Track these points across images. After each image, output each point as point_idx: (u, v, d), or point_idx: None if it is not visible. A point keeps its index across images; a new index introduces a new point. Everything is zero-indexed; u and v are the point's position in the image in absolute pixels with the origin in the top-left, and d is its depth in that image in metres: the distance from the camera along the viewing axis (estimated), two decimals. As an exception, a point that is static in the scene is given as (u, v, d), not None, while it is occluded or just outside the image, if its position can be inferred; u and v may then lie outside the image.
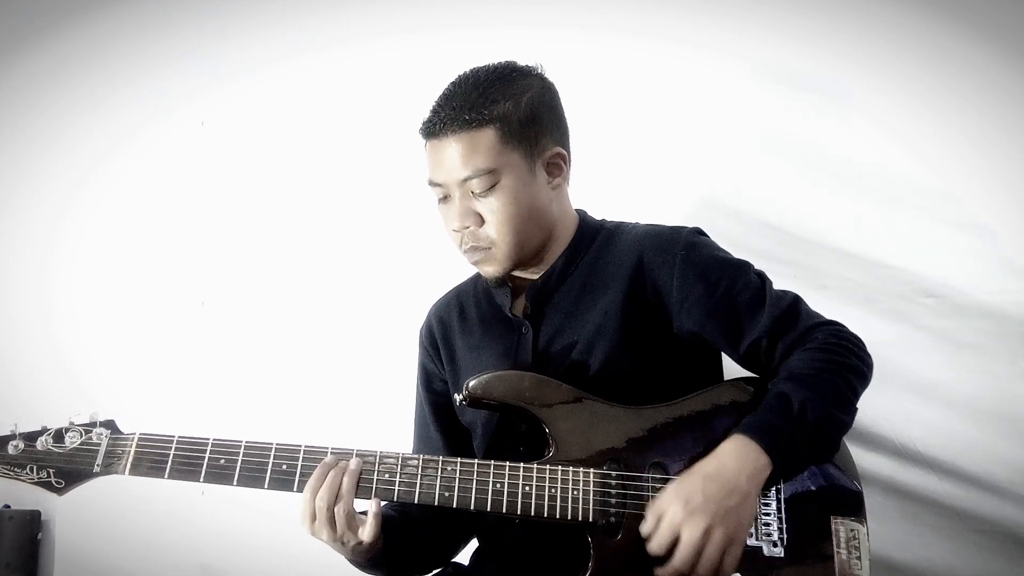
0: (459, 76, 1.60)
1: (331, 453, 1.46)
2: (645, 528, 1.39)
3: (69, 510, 2.59)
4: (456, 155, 1.54)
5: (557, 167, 1.62)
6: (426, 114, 1.59)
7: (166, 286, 2.63)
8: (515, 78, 1.59)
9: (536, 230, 1.61)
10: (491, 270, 1.61)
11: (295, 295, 2.49)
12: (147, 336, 2.62)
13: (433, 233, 1.78)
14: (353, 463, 1.45)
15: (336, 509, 1.43)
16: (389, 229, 2.39)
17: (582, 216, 1.71)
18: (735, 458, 1.38)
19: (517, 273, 1.66)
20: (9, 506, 2.62)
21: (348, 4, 2.45)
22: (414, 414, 1.81)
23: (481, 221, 1.56)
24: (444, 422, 1.74)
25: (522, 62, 1.62)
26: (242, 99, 2.58)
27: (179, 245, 2.64)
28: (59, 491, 1.46)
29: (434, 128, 1.56)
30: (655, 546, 1.37)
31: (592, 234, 1.68)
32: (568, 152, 1.65)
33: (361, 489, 1.44)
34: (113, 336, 2.64)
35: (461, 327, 1.74)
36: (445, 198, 1.59)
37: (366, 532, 1.44)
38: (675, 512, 1.35)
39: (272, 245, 2.54)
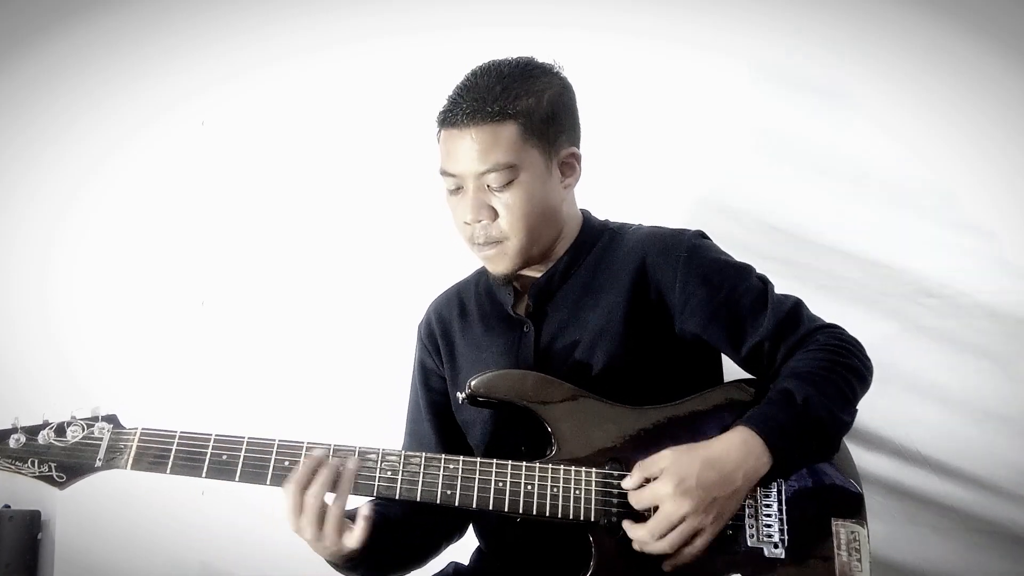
0: (479, 67, 1.59)
1: (334, 451, 1.43)
2: (628, 482, 1.41)
3: (69, 510, 2.58)
4: (475, 147, 1.51)
5: (571, 167, 1.62)
6: (443, 103, 1.57)
7: (166, 286, 2.63)
8: (536, 75, 1.58)
9: (547, 229, 1.60)
10: (501, 266, 1.60)
11: (295, 294, 2.49)
12: (147, 336, 2.61)
13: (433, 232, 1.78)
14: (351, 463, 1.42)
15: (330, 510, 1.40)
16: (389, 228, 2.38)
17: (586, 216, 1.71)
18: (739, 452, 1.39)
19: (521, 272, 1.65)
20: (9, 506, 2.61)
21: (348, 4, 2.44)
22: (407, 408, 1.80)
23: (495, 215, 1.55)
24: (438, 419, 1.73)
25: (540, 59, 1.62)
26: (242, 99, 2.58)
27: (179, 245, 2.63)
28: (60, 485, 1.44)
29: (454, 118, 1.53)
30: (633, 502, 1.40)
31: (596, 235, 1.68)
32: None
33: (363, 486, 1.43)
34: (113, 336, 2.63)
35: (461, 324, 1.73)
36: (457, 189, 1.57)
37: (353, 538, 1.40)
38: (665, 485, 1.36)
39: (272, 245, 2.53)
